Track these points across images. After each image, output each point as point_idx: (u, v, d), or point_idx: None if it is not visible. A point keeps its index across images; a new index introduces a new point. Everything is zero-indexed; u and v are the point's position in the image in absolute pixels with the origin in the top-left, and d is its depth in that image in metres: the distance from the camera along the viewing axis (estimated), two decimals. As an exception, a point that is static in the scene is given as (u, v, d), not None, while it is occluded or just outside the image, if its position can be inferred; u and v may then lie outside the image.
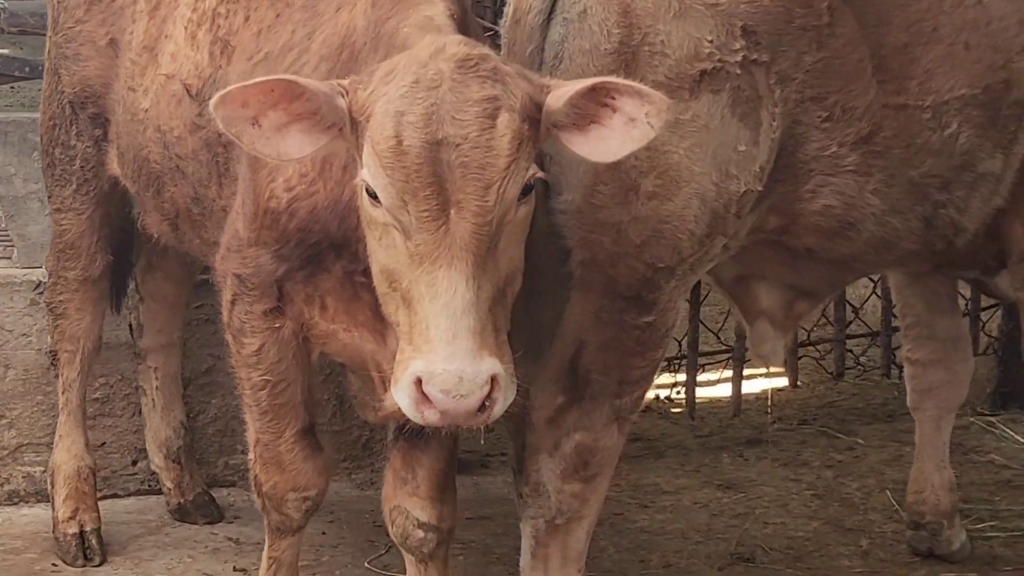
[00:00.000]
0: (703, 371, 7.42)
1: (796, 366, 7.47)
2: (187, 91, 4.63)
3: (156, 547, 5.72)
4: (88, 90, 5.26)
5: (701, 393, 7.33)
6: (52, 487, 5.62)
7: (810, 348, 7.70)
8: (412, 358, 3.62)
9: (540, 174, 3.77)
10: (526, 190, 3.72)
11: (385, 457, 4.91)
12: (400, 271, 3.69)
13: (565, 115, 3.77)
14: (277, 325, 4.29)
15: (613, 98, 3.74)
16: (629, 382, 4.42)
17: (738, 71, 4.23)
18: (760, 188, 4.33)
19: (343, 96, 3.76)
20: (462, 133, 3.61)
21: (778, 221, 4.49)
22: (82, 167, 5.39)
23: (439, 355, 3.57)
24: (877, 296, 7.62)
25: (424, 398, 3.60)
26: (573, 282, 4.37)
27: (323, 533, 5.84)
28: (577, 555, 4.52)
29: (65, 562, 5.54)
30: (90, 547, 5.56)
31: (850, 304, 7.63)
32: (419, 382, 3.60)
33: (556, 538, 4.48)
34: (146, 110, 4.83)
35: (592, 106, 3.76)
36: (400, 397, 3.66)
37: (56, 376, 5.66)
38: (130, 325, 5.97)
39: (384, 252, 3.75)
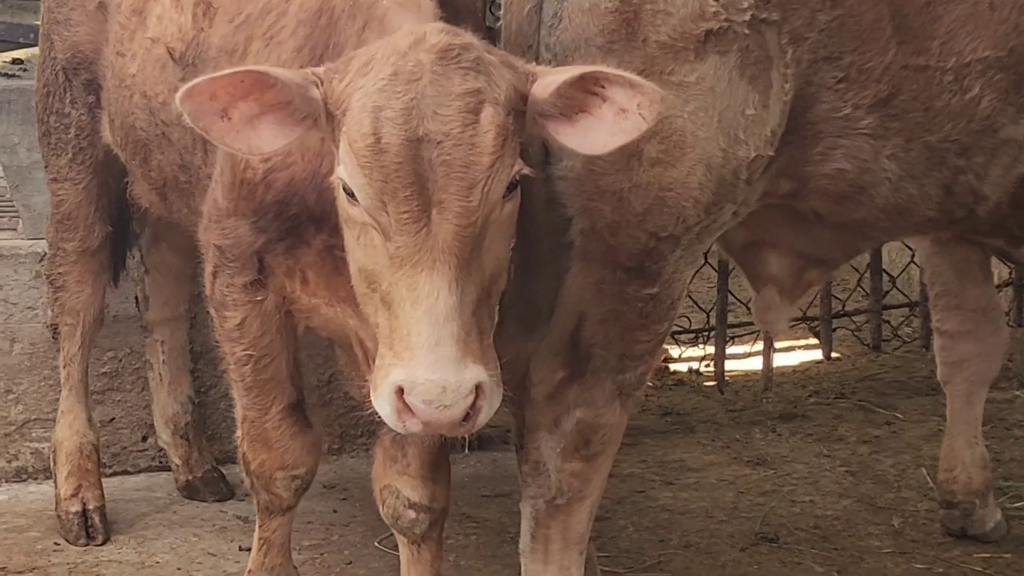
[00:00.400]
0: (733, 343, 7.24)
1: (831, 338, 7.26)
2: (170, 54, 4.50)
3: (162, 525, 5.61)
4: (80, 56, 5.14)
5: (734, 366, 7.16)
6: (54, 464, 5.52)
7: (845, 319, 7.50)
8: (393, 365, 3.46)
9: (526, 170, 3.59)
10: (511, 186, 3.55)
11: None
12: (380, 272, 3.53)
13: (552, 105, 3.60)
14: (259, 298, 4.17)
15: (603, 87, 3.58)
16: (632, 357, 4.24)
17: (746, 31, 4.03)
18: (771, 153, 4.14)
19: (317, 86, 3.59)
20: (444, 129, 3.43)
21: (788, 185, 4.30)
22: (77, 135, 5.28)
23: (421, 363, 3.40)
24: (916, 265, 7.36)
25: (406, 407, 3.44)
26: (573, 252, 4.19)
27: (334, 511, 5.72)
28: (579, 537, 4.35)
29: (68, 541, 5.43)
30: (93, 525, 5.44)
31: (887, 273, 7.40)
32: (400, 391, 3.43)
33: (557, 519, 4.31)
34: (133, 75, 4.71)
35: (581, 95, 3.60)
36: (380, 406, 3.50)
37: (59, 350, 5.54)
38: (136, 298, 5.85)
39: (363, 252, 3.59)
